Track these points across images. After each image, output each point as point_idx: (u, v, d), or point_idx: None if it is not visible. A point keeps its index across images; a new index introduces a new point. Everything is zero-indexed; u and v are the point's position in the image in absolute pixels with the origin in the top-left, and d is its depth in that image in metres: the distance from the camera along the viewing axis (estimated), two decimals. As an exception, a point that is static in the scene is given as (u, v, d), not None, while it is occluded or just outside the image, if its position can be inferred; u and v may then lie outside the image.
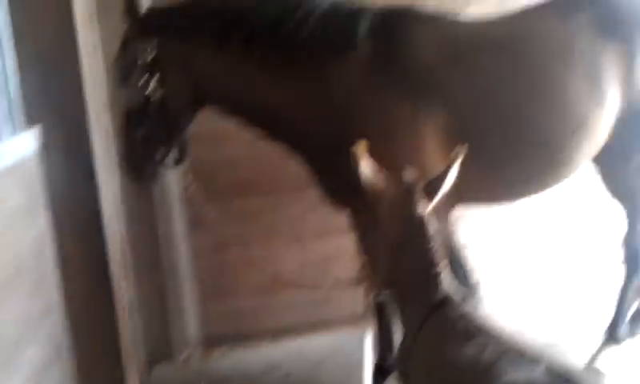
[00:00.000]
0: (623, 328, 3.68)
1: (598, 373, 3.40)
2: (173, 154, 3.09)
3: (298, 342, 4.11)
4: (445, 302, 1.95)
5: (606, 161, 3.28)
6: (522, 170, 3.05)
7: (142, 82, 2.86)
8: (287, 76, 2.87)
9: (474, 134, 2.84)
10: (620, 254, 3.67)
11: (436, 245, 2.03)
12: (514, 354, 1.69)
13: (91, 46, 3.15)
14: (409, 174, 2.11)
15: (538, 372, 1.60)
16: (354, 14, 2.90)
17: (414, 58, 2.89)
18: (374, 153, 2.38)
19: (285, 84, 2.88)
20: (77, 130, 3.04)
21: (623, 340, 3.68)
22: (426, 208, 2.07)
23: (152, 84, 2.86)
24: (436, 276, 1.99)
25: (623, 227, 3.60)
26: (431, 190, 2.11)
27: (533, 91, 2.95)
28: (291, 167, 3.58)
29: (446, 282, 2.01)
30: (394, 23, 2.94)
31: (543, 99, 2.94)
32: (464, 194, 2.75)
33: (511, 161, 2.99)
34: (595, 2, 3.10)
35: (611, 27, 3.02)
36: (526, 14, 3.15)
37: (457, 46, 2.96)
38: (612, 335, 3.69)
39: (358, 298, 4.18)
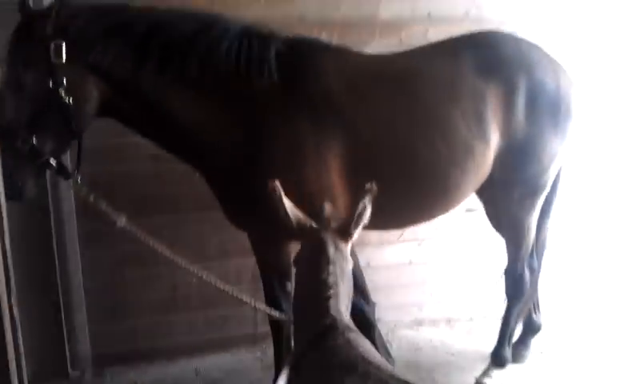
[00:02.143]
0: (506, 352, 3.92)
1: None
2: (65, 165, 2.95)
3: (194, 361, 4.09)
4: (331, 327, 1.94)
5: (489, 193, 3.50)
6: (412, 198, 3.21)
7: (44, 84, 2.69)
8: (199, 94, 2.88)
9: (370, 161, 3.01)
10: (501, 283, 3.91)
11: (332, 272, 2.06)
12: None
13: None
14: (326, 209, 2.27)
15: None
16: (266, 40, 2.97)
17: (317, 85, 3.00)
18: (280, 174, 2.49)
19: (196, 102, 2.88)
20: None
21: (507, 364, 3.92)
22: (342, 248, 2.16)
23: (60, 88, 2.70)
24: (326, 300, 2.01)
25: (504, 258, 3.84)
26: (347, 227, 2.20)
27: (423, 124, 3.11)
28: (194, 186, 3.57)
29: (336, 307, 2.01)
30: (300, 51, 3.05)
31: (433, 132, 3.11)
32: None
33: (403, 189, 3.12)
34: (480, 44, 3.31)
35: (494, 69, 3.23)
36: (420, 52, 3.35)
37: (356, 76, 3.10)
38: (496, 359, 3.92)
39: (256, 318, 4.20)
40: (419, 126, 3.10)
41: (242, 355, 4.10)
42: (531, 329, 4.13)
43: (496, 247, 4.44)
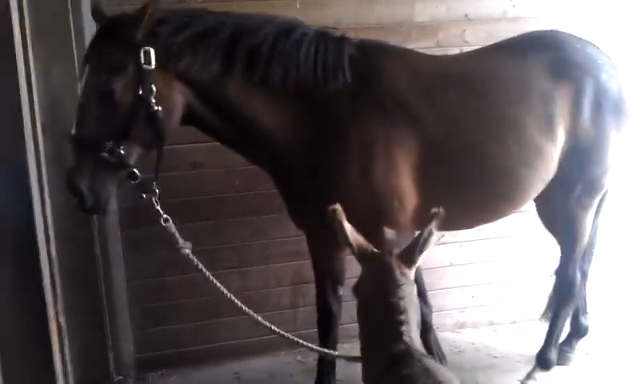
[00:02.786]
0: (552, 354, 3.84)
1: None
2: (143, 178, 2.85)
3: (235, 365, 4.12)
4: (407, 354, 1.86)
5: (549, 192, 3.46)
6: (482, 198, 3.24)
7: (134, 91, 2.66)
8: (280, 98, 2.92)
9: (441, 162, 3.05)
10: (550, 284, 3.84)
11: (403, 297, 1.97)
12: None
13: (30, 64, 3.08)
14: (389, 235, 2.17)
15: None
16: (340, 43, 3.03)
17: (388, 86, 3.04)
18: (350, 174, 2.68)
19: (277, 106, 2.92)
20: (10, 149, 2.90)
21: (552, 367, 3.84)
22: (407, 273, 2.04)
23: (150, 96, 2.67)
24: (399, 325, 1.92)
25: (556, 259, 3.78)
26: (410, 254, 2.07)
27: (495, 124, 3.14)
28: (234, 192, 3.61)
29: (409, 333, 1.93)
30: (371, 54, 3.10)
31: (504, 132, 3.14)
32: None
33: (473, 189, 3.17)
34: (550, 46, 3.33)
35: (563, 71, 3.25)
36: (487, 52, 3.40)
37: (425, 77, 3.15)
38: (541, 362, 3.84)
39: (296, 321, 4.22)
40: (490, 126, 3.13)
41: (283, 358, 4.11)
42: (578, 331, 4.07)
43: (538, 249, 4.41)
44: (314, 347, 3.09)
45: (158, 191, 2.89)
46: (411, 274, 2.06)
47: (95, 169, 2.68)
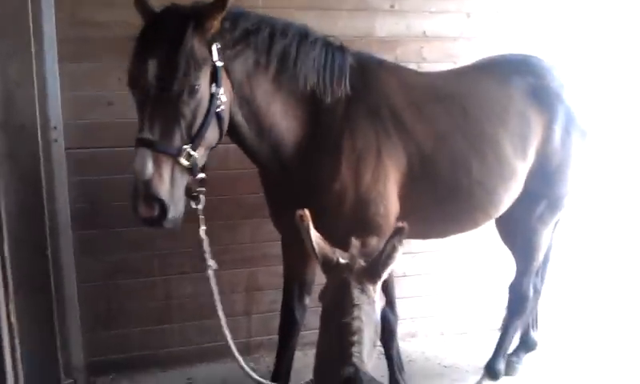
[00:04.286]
0: (501, 365, 3.96)
1: None
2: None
3: (187, 370, 4.10)
4: (354, 378, 1.79)
5: (514, 207, 3.59)
6: (462, 210, 3.37)
7: (208, 89, 2.56)
8: (297, 102, 2.95)
9: (427, 174, 3.17)
10: (505, 297, 3.97)
11: (356, 316, 1.91)
12: None
13: None
14: (354, 247, 2.09)
15: None
16: (343, 53, 3.09)
17: (383, 98, 3.13)
18: (342, 179, 2.80)
19: (292, 110, 2.94)
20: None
21: (500, 377, 3.96)
22: (369, 289, 1.98)
23: (219, 94, 2.59)
24: (349, 346, 1.86)
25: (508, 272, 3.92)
26: (375, 267, 2.02)
27: (478, 141, 3.28)
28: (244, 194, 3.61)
29: (359, 356, 1.86)
30: (367, 65, 3.19)
31: (485, 149, 3.29)
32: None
33: (455, 202, 3.30)
34: (532, 73, 3.52)
35: (540, 97, 3.45)
36: (471, 72, 3.57)
37: (416, 92, 3.26)
38: (490, 372, 3.96)
39: (250, 328, 4.23)
40: (474, 143, 3.27)
41: (235, 365, 4.10)
42: (527, 345, 4.21)
43: (489, 262, 4.54)
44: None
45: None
46: (374, 289, 2.00)
47: (173, 176, 2.50)
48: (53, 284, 3.69)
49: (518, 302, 3.88)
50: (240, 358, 2.98)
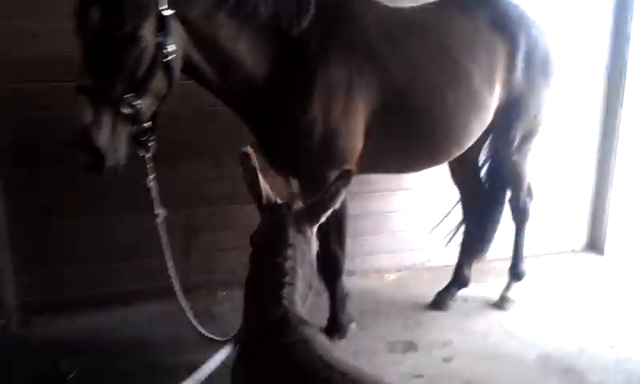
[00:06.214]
0: (523, 267, 4.35)
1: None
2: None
3: (123, 310, 4.10)
4: (283, 320, 1.73)
5: (493, 144, 3.88)
6: (437, 141, 3.46)
7: (152, 37, 2.47)
8: (260, 38, 2.91)
9: (402, 107, 3.22)
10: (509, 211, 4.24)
11: (290, 256, 1.85)
12: None
13: None
14: (292, 190, 2.07)
15: None
16: None
17: (357, 32, 3.14)
18: (313, 114, 2.78)
19: (257, 46, 2.91)
20: None
21: (524, 277, 4.37)
22: (305, 230, 1.94)
23: (167, 43, 2.51)
24: (280, 287, 1.80)
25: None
26: (315, 210, 1.98)
27: (450, 72, 3.35)
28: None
29: (290, 298, 1.80)
30: (343, 1, 3.22)
31: (458, 80, 3.37)
32: (383, 164, 3.41)
33: (429, 133, 3.38)
34: (487, 3, 3.61)
35: (501, 25, 3.53)
36: (442, 7, 3.60)
37: (390, 26, 3.27)
38: (515, 274, 4.35)
39: (188, 268, 4.22)
40: (447, 74, 3.34)
41: (172, 305, 4.10)
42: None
43: (426, 201, 4.62)
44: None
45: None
46: (311, 230, 1.97)
47: (113, 124, 2.47)
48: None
49: (520, 212, 4.19)
50: (187, 308, 3.05)
